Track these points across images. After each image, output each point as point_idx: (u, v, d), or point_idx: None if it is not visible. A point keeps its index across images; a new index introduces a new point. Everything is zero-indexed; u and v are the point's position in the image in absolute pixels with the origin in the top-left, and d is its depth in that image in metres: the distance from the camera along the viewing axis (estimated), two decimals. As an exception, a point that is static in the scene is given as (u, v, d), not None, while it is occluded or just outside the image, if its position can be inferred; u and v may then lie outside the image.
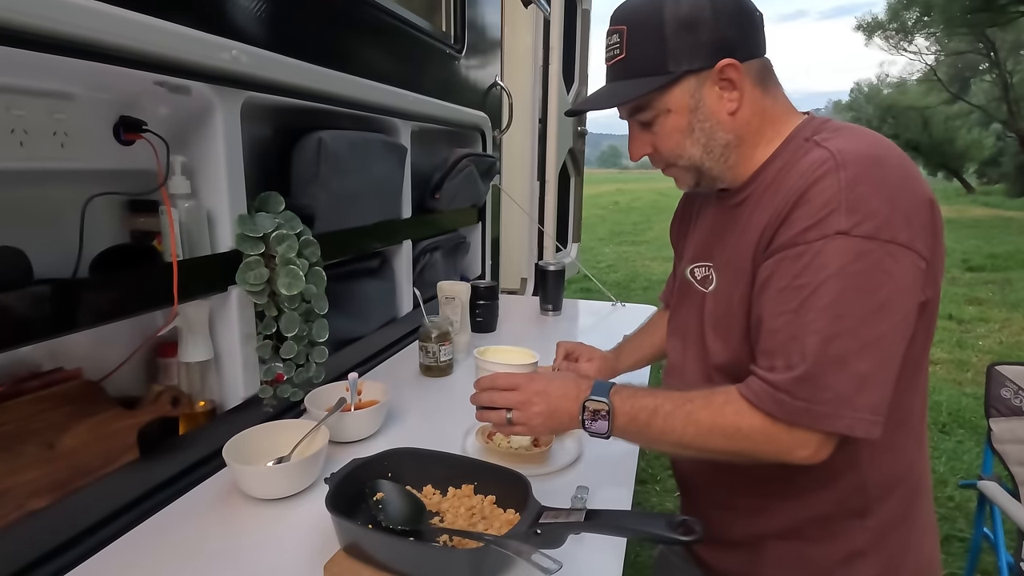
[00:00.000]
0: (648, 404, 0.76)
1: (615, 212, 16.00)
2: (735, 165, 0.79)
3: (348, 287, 1.45)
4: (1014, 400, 1.63)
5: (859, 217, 0.65)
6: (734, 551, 0.87)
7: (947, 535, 2.33)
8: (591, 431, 0.79)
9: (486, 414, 0.86)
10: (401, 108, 1.55)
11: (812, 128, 0.76)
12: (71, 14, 0.70)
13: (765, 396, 0.69)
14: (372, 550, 0.72)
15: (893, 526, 0.79)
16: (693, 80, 0.75)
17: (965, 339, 4.80)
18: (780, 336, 0.69)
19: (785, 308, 0.69)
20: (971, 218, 13.11)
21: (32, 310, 0.71)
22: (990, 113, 21.69)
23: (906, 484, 0.79)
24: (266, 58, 1.03)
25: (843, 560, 0.79)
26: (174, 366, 1.01)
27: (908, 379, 0.73)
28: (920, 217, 0.68)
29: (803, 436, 0.68)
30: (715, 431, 0.72)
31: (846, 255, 0.65)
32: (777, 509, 0.82)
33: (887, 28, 22.17)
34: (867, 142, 0.71)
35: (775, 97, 0.79)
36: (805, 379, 0.66)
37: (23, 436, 0.78)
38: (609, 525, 0.70)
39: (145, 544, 0.80)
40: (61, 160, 0.84)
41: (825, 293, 0.66)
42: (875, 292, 0.65)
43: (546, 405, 0.81)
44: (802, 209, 0.68)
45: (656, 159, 0.84)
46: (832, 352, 0.66)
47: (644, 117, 0.80)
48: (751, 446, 0.71)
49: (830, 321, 0.66)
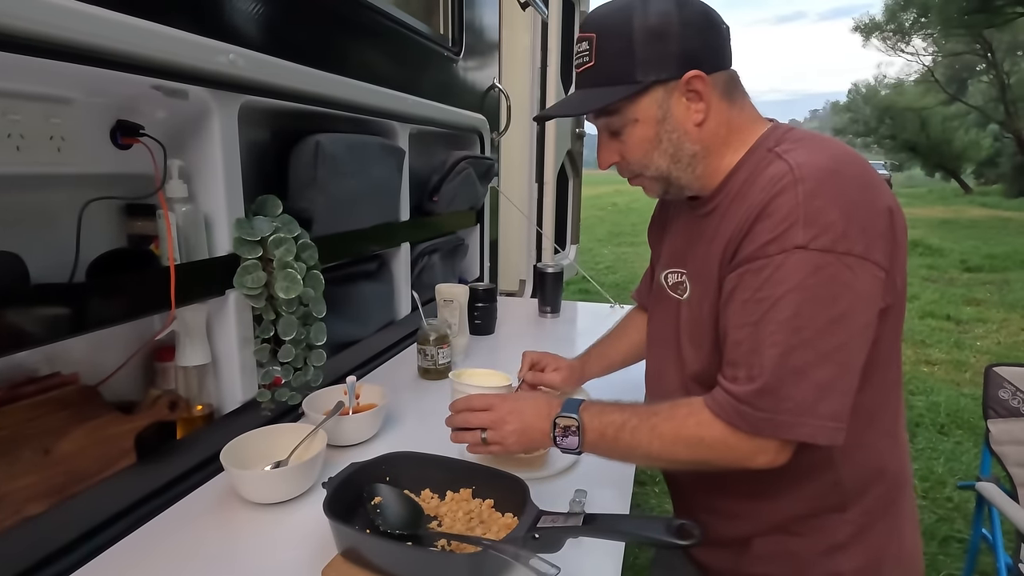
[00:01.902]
0: (616, 419, 0.78)
1: (614, 213, 16.01)
2: (702, 175, 0.81)
3: (346, 290, 1.45)
4: (1012, 401, 1.63)
5: (816, 231, 0.66)
6: (722, 550, 0.89)
7: (946, 536, 2.33)
8: (563, 447, 0.81)
9: (461, 435, 0.88)
10: (399, 111, 1.55)
11: (775, 138, 0.77)
12: (67, 19, 0.70)
13: (729, 407, 0.71)
14: (370, 555, 0.72)
15: (873, 519, 0.81)
16: (661, 90, 0.76)
17: (963, 340, 4.80)
18: (743, 348, 0.71)
19: (747, 320, 0.71)
20: (969, 219, 13.14)
21: (28, 315, 0.71)
22: (987, 114, 21.74)
23: (884, 479, 0.81)
24: (263, 62, 1.03)
25: (825, 552, 0.81)
26: (171, 370, 1.01)
27: (876, 381, 0.76)
28: (877, 226, 0.69)
29: (763, 443, 0.71)
30: (679, 442, 0.75)
31: (804, 269, 0.67)
32: (757, 510, 0.84)
33: (884, 29, 22.23)
34: (826, 154, 0.72)
35: (741, 107, 0.80)
36: (766, 391, 0.69)
37: (20, 441, 0.78)
38: (607, 529, 0.70)
39: (142, 549, 0.80)
40: (58, 164, 0.84)
41: (784, 307, 0.67)
42: (833, 304, 0.67)
43: (519, 423, 0.83)
44: (763, 223, 0.70)
45: (623, 168, 0.84)
46: (791, 364, 0.68)
47: (612, 125, 0.81)
48: (713, 455, 0.74)
49: (789, 334, 0.67)
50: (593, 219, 13.75)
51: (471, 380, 1.10)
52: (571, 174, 3.72)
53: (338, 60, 1.32)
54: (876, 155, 27.34)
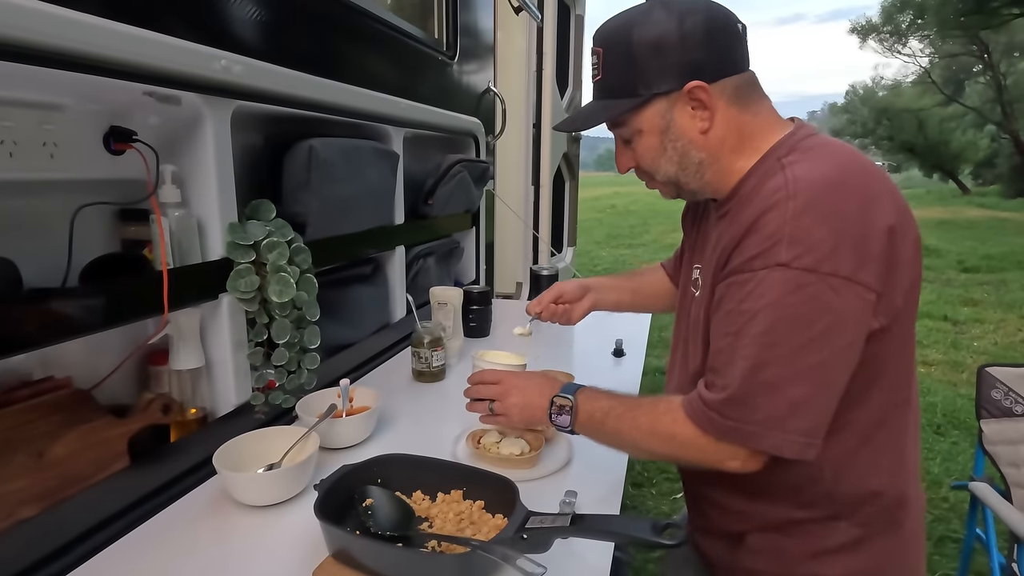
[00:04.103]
0: (604, 406, 0.84)
1: (612, 215, 16.03)
2: (712, 180, 0.82)
3: (341, 293, 1.45)
4: (1004, 401, 1.64)
5: (800, 249, 0.67)
6: (720, 541, 0.92)
7: (941, 536, 2.34)
8: (556, 424, 0.88)
9: (474, 405, 0.98)
10: (393, 115, 1.56)
11: (788, 146, 0.77)
12: (61, 27, 0.70)
13: (699, 411, 0.74)
14: (360, 556, 0.73)
15: (870, 534, 0.81)
16: (663, 102, 0.78)
17: (960, 340, 4.81)
18: (721, 357, 0.74)
19: (728, 330, 0.73)
20: (966, 219, 13.15)
21: (22, 320, 0.72)
22: (984, 115, 21.78)
23: (881, 497, 0.81)
24: (256, 67, 1.03)
25: (813, 555, 0.83)
26: (165, 374, 1.01)
27: (875, 400, 0.76)
28: (872, 247, 0.68)
29: (731, 449, 0.73)
30: (654, 436, 0.79)
31: (784, 287, 0.67)
32: (755, 508, 0.85)
33: (881, 31, 22.28)
34: (832, 165, 0.72)
35: (755, 112, 0.80)
36: (734, 401, 0.71)
37: (13, 445, 0.78)
38: (594, 529, 0.71)
39: (135, 551, 0.81)
40: (51, 170, 0.85)
41: (759, 322, 0.69)
42: (812, 323, 0.67)
43: (522, 398, 0.92)
44: (752, 238, 0.71)
45: (640, 173, 0.88)
46: (761, 378, 0.69)
47: (623, 134, 0.84)
48: (686, 453, 0.78)
49: (760, 348, 0.69)
50: (591, 221, 13.76)
51: (492, 359, 1.18)
52: (567, 177, 3.73)
53: (332, 65, 1.33)
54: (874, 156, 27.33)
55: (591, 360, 1.62)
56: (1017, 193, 19.21)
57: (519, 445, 1.03)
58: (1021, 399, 1.63)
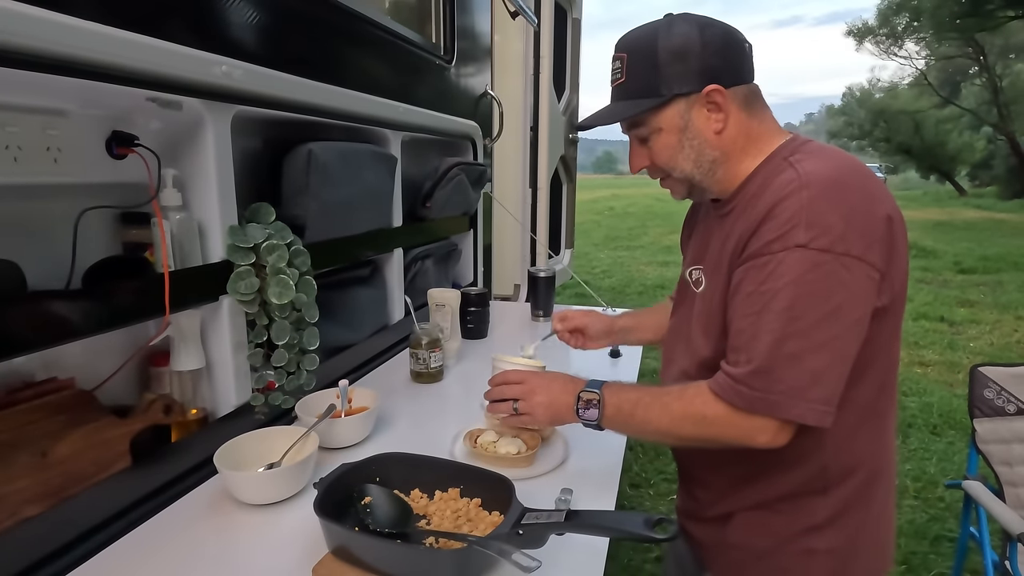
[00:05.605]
0: (632, 396, 0.88)
1: (610, 217, 16.05)
2: (722, 179, 0.88)
3: (339, 295, 1.47)
4: (997, 400, 1.65)
5: (816, 232, 0.73)
6: (711, 523, 0.96)
7: (937, 535, 2.35)
8: (584, 419, 0.90)
9: (496, 406, 0.99)
10: (391, 119, 1.58)
11: (791, 149, 0.84)
12: (65, 34, 0.72)
13: (727, 387, 0.78)
14: (359, 552, 0.74)
15: (850, 507, 0.86)
16: (683, 103, 0.84)
17: (956, 341, 4.83)
18: (744, 335, 0.78)
19: (749, 311, 0.77)
20: (963, 220, 13.20)
21: (26, 321, 0.73)
22: (981, 116, 21.88)
23: (864, 470, 0.86)
24: (256, 73, 1.05)
25: (802, 531, 0.87)
26: (166, 375, 1.03)
27: (869, 378, 0.82)
28: (876, 232, 0.75)
29: (761, 423, 0.77)
30: (686, 419, 0.83)
31: (803, 265, 0.73)
32: (747, 487, 0.90)
33: (877, 33, 22.38)
34: (834, 164, 0.78)
35: (760, 119, 0.87)
36: (760, 372, 0.75)
37: (17, 444, 0.80)
38: (588, 524, 0.72)
39: (137, 550, 0.82)
40: (54, 175, 0.86)
41: (782, 298, 0.74)
42: (828, 298, 0.73)
43: (547, 396, 0.94)
44: (769, 224, 0.76)
45: (653, 171, 0.92)
46: (785, 350, 0.74)
47: (641, 133, 0.89)
48: (716, 432, 0.81)
49: (784, 323, 0.74)
50: (590, 223, 13.78)
51: (512, 361, 1.16)
52: (565, 179, 3.75)
53: (330, 69, 1.34)
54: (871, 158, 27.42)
55: (587, 361, 1.63)
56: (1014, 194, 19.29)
57: (516, 444, 1.04)
58: (1013, 398, 1.65)
